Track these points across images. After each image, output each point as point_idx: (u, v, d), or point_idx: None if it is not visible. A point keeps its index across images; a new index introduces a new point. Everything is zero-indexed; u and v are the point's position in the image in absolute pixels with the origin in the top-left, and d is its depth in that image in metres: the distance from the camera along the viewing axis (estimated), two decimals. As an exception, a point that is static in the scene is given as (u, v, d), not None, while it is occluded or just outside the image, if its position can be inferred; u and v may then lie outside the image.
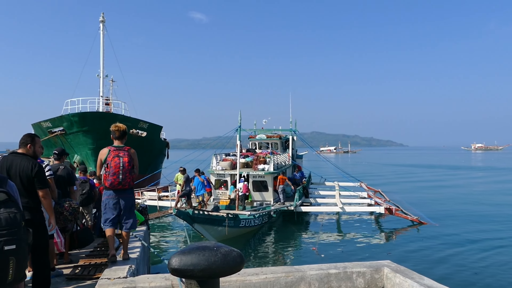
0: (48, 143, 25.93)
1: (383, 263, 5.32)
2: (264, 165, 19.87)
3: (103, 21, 31.35)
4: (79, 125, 25.46)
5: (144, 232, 8.76)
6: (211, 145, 25.84)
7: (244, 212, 16.82)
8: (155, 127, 31.31)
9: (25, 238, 3.46)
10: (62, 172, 6.51)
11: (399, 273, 4.86)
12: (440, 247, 14.31)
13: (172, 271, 2.24)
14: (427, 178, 44.80)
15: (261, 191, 19.90)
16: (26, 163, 4.65)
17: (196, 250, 2.30)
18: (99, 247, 7.81)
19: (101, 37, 31.10)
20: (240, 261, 2.35)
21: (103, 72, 31.79)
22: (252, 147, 26.88)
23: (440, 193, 30.34)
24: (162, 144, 34.85)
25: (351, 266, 5.15)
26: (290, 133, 27.17)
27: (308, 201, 21.46)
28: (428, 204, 24.67)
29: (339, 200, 19.81)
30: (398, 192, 30.06)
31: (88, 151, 25.82)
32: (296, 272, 4.92)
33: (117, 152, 5.96)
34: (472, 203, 25.23)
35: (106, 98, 31.60)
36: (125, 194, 6.11)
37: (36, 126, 28.44)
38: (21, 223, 3.41)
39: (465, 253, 13.43)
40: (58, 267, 6.23)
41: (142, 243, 7.55)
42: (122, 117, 27.22)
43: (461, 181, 41.65)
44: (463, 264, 12.27)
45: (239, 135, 19.25)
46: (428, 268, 11.69)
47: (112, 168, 5.86)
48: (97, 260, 6.73)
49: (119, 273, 5.27)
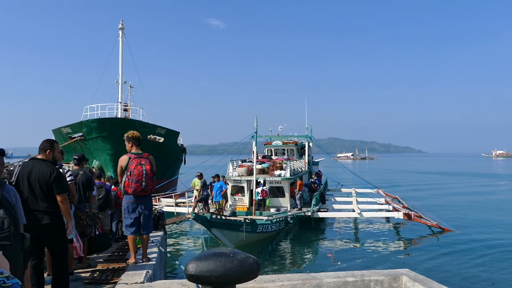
0: (68, 148, 26.36)
1: (401, 271, 5.23)
2: (281, 171, 19.83)
3: (122, 28, 31.84)
4: (98, 131, 25.84)
5: (161, 238, 8.82)
6: (228, 151, 25.92)
7: (261, 217, 16.79)
8: (172, 133, 31.54)
9: (16, 243, 3.40)
10: (82, 178, 6.63)
11: (418, 282, 4.78)
12: (461, 255, 14.01)
13: (189, 277, 2.24)
14: (446, 185, 44.05)
15: (277, 197, 19.85)
16: (45, 168, 4.74)
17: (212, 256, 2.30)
18: (117, 252, 7.89)
19: (120, 44, 31.57)
20: (256, 268, 2.34)
21: (121, 79, 32.24)
22: (268, 154, 26.86)
23: (461, 201, 29.78)
24: (179, 150, 35.07)
25: (369, 274, 5.09)
26: (306, 139, 27.08)
27: (325, 207, 21.30)
28: (448, 211, 24.22)
29: (356, 206, 19.62)
30: (416, 199, 29.59)
31: (106, 157, 26.16)
32: (312, 279, 4.88)
33: (138, 160, 6.08)
34: (494, 210, 24.67)
35: (124, 104, 32.01)
36: (145, 199, 6.27)
37: (56, 132, 28.97)
38: (9, 228, 3.34)
39: (487, 262, 13.10)
40: (77, 272, 6.31)
41: (159, 248, 7.60)
42: (139, 123, 27.50)
43: (482, 188, 40.78)
44: (484, 273, 11.97)
45: (255, 141, 19.27)
46: (448, 277, 11.44)
47: (135, 176, 5.99)
48: (115, 264, 6.81)
49: (136, 278, 5.31)
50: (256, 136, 19.27)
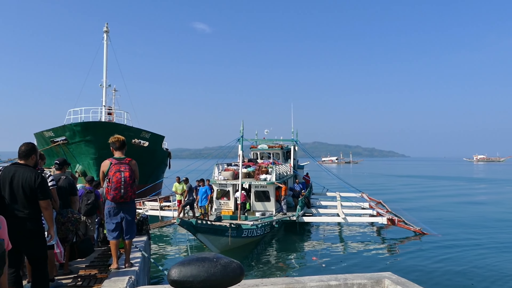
0: (50, 152, 25.97)
1: (384, 274, 5.28)
2: (266, 175, 19.86)
3: (107, 31, 31.58)
4: (81, 134, 25.53)
5: (145, 243, 8.75)
6: (213, 155, 25.88)
7: (247, 222, 16.78)
8: (157, 137, 31.35)
9: None
10: (63, 182, 6.54)
11: (399, 285, 4.83)
12: (442, 258, 14.21)
13: (172, 283, 2.23)
14: (429, 189, 44.66)
15: (263, 201, 19.86)
16: (29, 174, 4.67)
17: (195, 261, 2.29)
18: (99, 258, 7.80)
19: (105, 47, 31.30)
20: (240, 272, 2.34)
21: (106, 82, 31.95)
22: (254, 157, 26.88)
23: (443, 204, 30.21)
24: (164, 154, 34.87)
25: (352, 278, 5.12)
26: (292, 143, 27.20)
27: (310, 211, 21.39)
28: (430, 214, 24.55)
29: (341, 210, 19.77)
30: (399, 202, 29.93)
31: (90, 161, 25.84)
32: (296, 283, 4.89)
33: (118, 166, 6.03)
34: (475, 214, 25.11)
35: (108, 107, 31.72)
36: (126, 205, 6.21)
37: (39, 136, 28.52)
38: None
39: (467, 265, 13.31)
40: (58, 278, 6.22)
41: (143, 253, 7.53)
42: (124, 127, 27.28)
43: (463, 191, 41.47)
44: (465, 276, 12.16)
45: (241, 145, 19.28)
46: (429, 280, 11.59)
47: (114, 184, 5.95)
48: (97, 270, 6.72)
49: (119, 284, 5.26)
50: (242, 139, 19.29)
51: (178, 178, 20.13)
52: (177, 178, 20.20)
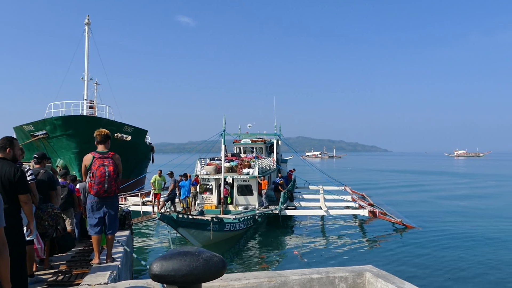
0: (30, 146, 25.52)
1: (365, 268, 5.35)
2: (249, 169, 19.88)
3: (89, 24, 31.06)
4: (62, 128, 25.11)
5: (127, 237, 8.68)
6: (197, 149, 25.77)
7: (229, 216, 16.79)
8: (140, 131, 31.07)
9: None
10: (43, 176, 6.42)
11: (380, 278, 4.90)
12: (422, 251, 14.48)
13: (153, 277, 2.22)
14: (410, 183, 45.34)
15: (246, 195, 19.89)
16: (8, 168, 4.57)
17: (177, 255, 2.28)
18: (80, 253, 7.72)
19: (86, 40, 30.78)
20: (222, 266, 2.34)
21: (87, 75, 31.44)
22: (237, 152, 26.87)
23: (423, 198, 30.73)
24: (147, 148, 34.60)
25: (334, 271, 5.18)
26: (275, 137, 27.25)
27: (293, 205, 21.52)
28: (411, 208, 24.96)
29: (324, 203, 19.94)
30: (381, 196, 30.36)
31: (71, 155, 25.46)
32: (278, 277, 4.92)
33: (102, 160, 5.96)
34: (454, 208, 25.60)
35: (90, 101, 31.25)
36: (109, 200, 6.16)
37: (18, 130, 27.95)
38: None
39: (446, 257, 13.60)
40: (38, 274, 6.13)
41: (125, 248, 7.48)
42: (106, 121, 26.94)
43: (444, 186, 42.27)
44: (444, 268, 12.42)
45: (224, 139, 19.25)
46: (409, 272, 11.82)
47: (97, 178, 5.88)
48: (78, 265, 6.66)
49: (100, 279, 5.21)
50: (224, 134, 19.25)
51: (160, 171, 20.01)
52: (159, 171, 20.07)
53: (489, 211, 24.12)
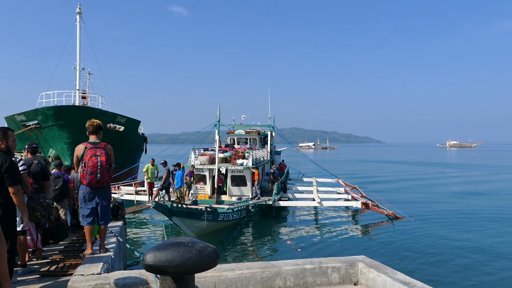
0: (22, 136, 25.31)
1: (357, 258, 5.40)
2: (243, 160, 19.91)
3: (80, 13, 30.67)
4: (54, 118, 24.91)
5: (121, 228, 8.67)
6: (190, 140, 25.70)
7: (222, 206, 16.82)
8: (133, 122, 30.92)
9: None
10: (35, 167, 6.38)
11: (373, 268, 4.95)
12: (414, 241, 14.61)
13: (147, 267, 2.23)
14: (402, 174, 45.61)
15: (239, 186, 19.94)
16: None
17: (171, 246, 2.29)
18: (73, 243, 7.70)
19: (78, 29, 30.41)
20: (215, 256, 2.35)
21: (79, 65, 31.12)
22: (231, 143, 26.88)
23: (416, 189, 30.95)
24: (140, 138, 34.48)
25: (326, 262, 5.22)
26: (269, 128, 27.26)
27: (286, 196, 21.61)
28: (403, 199, 25.14)
29: (317, 195, 20.04)
30: (374, 187, 30.54)
31: (63, 146, 25.31)
32: (272, 267, 4.95)
33: (94, 150, 5.94)
34: (446, 198, 25.82)
35: (82, 91, 30.99)
36: (102, 190, 6.14)
37: (10, 119, 27.70)
38: None
39: (438, 247, 13.74)
40: (31, 264, 6.12)
41: (118, 238, 7.47)
42: (99, 111, 26.77)
43: (435, 176, 42.59)
44: (436, 258, 12.56)
45: (218, 130, 19.23)
46: (401, 262, 11.93)
47: (89, 168, 5.85)
48: (71, 256, 6.65)
49: (93, 269, 5.21)
50: (219, 124, 19.22)
51: (153, 160, 19.96)
52: (151, 160, 20.02)
53: (480, 201, 24.36)
